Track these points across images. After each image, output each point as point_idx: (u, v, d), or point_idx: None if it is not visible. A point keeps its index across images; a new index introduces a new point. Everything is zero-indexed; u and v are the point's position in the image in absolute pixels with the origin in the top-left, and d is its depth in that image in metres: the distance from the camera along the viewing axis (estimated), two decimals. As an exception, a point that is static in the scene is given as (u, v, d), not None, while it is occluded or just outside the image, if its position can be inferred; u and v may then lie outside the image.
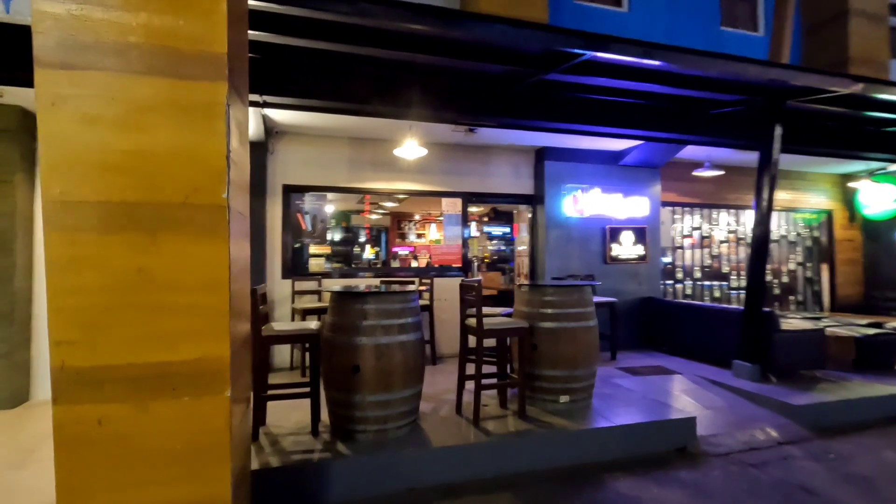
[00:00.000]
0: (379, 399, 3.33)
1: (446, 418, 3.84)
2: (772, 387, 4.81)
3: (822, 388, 4.73)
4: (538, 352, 4.07)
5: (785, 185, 8.26)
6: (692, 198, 7.66)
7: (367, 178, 6.12)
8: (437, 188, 6.41)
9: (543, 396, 4.10)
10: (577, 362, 4.03)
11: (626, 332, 6.80)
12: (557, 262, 6.56)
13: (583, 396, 4.12)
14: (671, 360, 6.13)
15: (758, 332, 5.04)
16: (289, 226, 5.82)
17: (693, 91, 4.75)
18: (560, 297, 4.09)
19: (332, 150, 5.97)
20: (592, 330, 4.17)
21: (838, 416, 4.34)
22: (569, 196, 6.60)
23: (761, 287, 5.08)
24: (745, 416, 4.34)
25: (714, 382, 5.14)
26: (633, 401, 4.33)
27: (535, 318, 4.09)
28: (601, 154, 6.78)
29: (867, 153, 5.91)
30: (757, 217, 5.03)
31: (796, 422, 4.24)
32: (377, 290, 3.49)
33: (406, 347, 3.42)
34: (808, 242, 8.67)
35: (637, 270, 6.93)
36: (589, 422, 3.77)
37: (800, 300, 8.58)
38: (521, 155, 6.73)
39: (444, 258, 6.41)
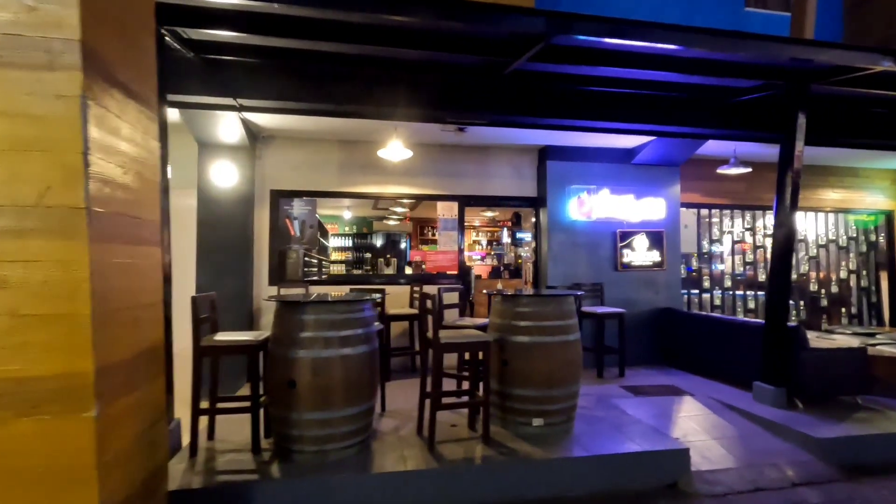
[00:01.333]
0: (316, 417, 3.07)
1: (403, 439, 3.52)
2: (797, 414, 4.15)
3: (859, 419, 4.03)
4: (509, 369, 3.68)
5: (834, 182, 7.36)
6: (720, 198, 6.94)
7: (358, 181, 5.93)
8: (432, 191, 6.13)
9: (516, 418, 3.70)
10: (552, 381, 3.61)
11: (639, 346, 6.22)
12: (562, 268, 6.09)
13: (561, 419, 3.68)
14: (687, 379, 5.50)
15: (781, 350, 4.39)
16: (277, 231, 5.71)
17: (703, 78, 4.25)
18: (535, 308, 3.69)
19: (322, 153, 5.83)
20: (572, 345, 3.73)
21: (873, 454, 3.66)
22: (574, 198, 6.12)
23: (785, 298, 4.42)
24: (758, 449, 3.74)
25: (729, 407, 4.52)
26: (623, 426, 3.83)
27: (508, 331, 3.71)
28: (611, 152, 6.26)
29: None
30: (778, 218, 4.39)
31: (821, 458, 3.60)
32: (317, 300, 3.24)
33: (349, 362, 3.14)
34: (864, 247, 7.66)
35: (653, 278, 6.33)
36: (562, 449, 3.34)
37: (854, 313, 7.58)
38: (523, 155, 6.33)
39: (439, 264, 6.10)
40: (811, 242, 7.49)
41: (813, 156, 6.69)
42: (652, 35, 3.32)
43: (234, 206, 5.44)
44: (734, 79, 4.31)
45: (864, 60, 3.63)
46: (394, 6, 3.11)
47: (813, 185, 7.27)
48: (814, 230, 7.54)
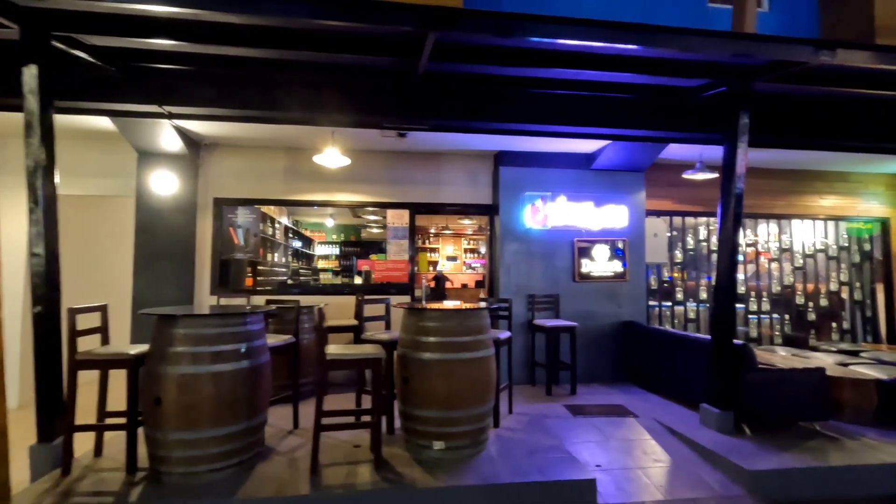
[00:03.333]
0: (182, 437, 2.90)
1: (294, 461, 3.32)
2: (740, 442, 3.78)
3: (809, 448, 3.64)
4: (410, 387, 3.46)
5: (822, 188, 6.89)
6: (694, 206, 6.55)
7: (304, 189, 5.81)
8: (382, 199, 5.96)
9: (417, 441, 3.47)
10: (453, 401, 3.35)
11: (600, 361, 5.88)
12: (515, 279, 5.81)
13: (465, 443, 3.42)
14: (642, 398, 5.14)
15: (727, 370, 4.03)
16: (219, 240, 5.63)
17: (652, 78, 4.00)
18: (438, 322, 3.46)
19: (266, 161, 5.74)
20: (480, 363, 3.47)
21: (811, 489, 3.28)
22: (529, 205, 5.85)
23: (731, 313, 4.06)
24: (685, 481, 3.40)
25: (671, 431, 4.17)
26: (538, 451, 3.55)
27: (411, 347, 3.49)
28: (569, 157, 5.98)
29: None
30: (723, 228, 4.05)
31: (752, 493, 3.25)
32: (191, 314, 3.09)
33: (221, 379, 2.97)
34: (856, 258, 7.12)
35: (615, 290, 5.98)
36: (455, 477, 3.09)
37: (846, 328, 7.03)
38: (477, 161, 6.10)
39: (388, 274, 5.90)
40: (797, 252, 7.01)
41: (798, 160, 6.29)
42: (555, 30, 3.08)
43: (175, 214, 5.38)
44: (681, 78, 4.03)
45: (800, 54, 3.30)
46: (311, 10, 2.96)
47: (799, 191, 6.82)
48: (800, 239, 7.04)
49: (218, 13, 3.04)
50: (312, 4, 3.01)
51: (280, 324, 4.83)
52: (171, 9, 2.94)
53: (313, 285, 6.56)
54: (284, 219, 8.98)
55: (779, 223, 6.98)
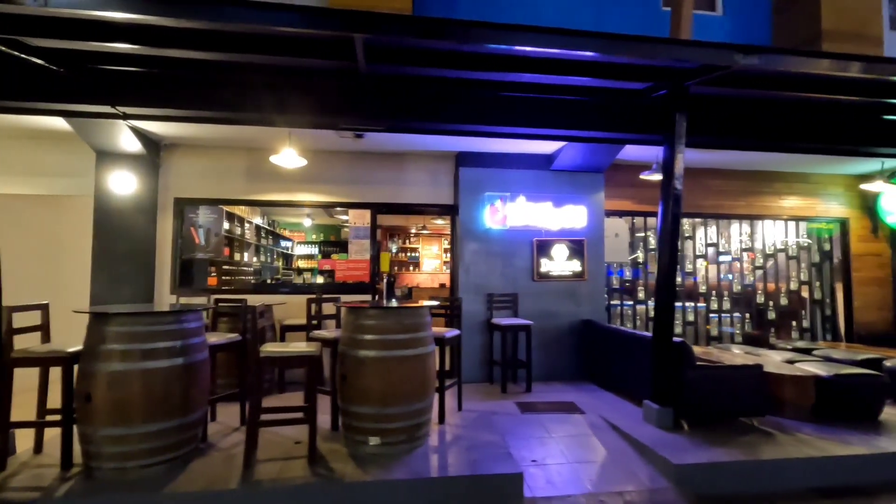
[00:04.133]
0: (112, 433, 2.95)
1: (232, 457, 3.37)
2: (675, 437, 3.87)
3: (741, 443, 3.72)
4: (347, 384, 3.52)
5: (782, 189, 7.00)
6: (653, 206, 6.62)
7: (265, 189, 5.86)
8: (344, 199, 6.02)
9: (354, 437, 3.53)
10: (388, 398, 3.42)
11: (559, 360, 5.96)
12: (474, 279, 5.88)
13: (401, 439, 3.49)
14: (595, 396, 5.23)
15: (667, 367, 4.12)
16: (180, 240, 5.67)
17: (603, 81, 4.02)
18: (375, 321, 3.52)
19: (227, 161, 5.78)
20: (417, 360, 3.54)
21: (736, 483, 3.36)
22: (489, 205, 5.92)
23: (670, 312, 4.15)
24: (617, 476, 3.48)
25: (614, 427, 4.25)
26: (476, 447, 3.62)
27: (350, 345, 3.55)
28: (528, 158, 6.06)
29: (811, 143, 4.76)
30: (663, 226, 4.13)
31: (677, 487, 3.33)
32: (123, 312, 3.13)
33: (152, 376, 3.02)
34: (816, 258, 7.24)
35: (574, 289, 6.07)
36: (387, 472, 3.15)
37: (805, 326, 7.15)
38: (439, 161, 6.17)
39: (349, 274, 5.96)
40: (758, 252, 7.12)
41: (758, 161, 6.39)
42: (476, 35, 3.15)
43: (134, 214, 5.42)
44: (628, 81, 4.10)
45: (722, 58, 3.39)
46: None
47: (759, 192, 6.93)
48: (761, 239, 7.16)
49: (151, 17, 3.09)
50: (246, 8, 3.07)
51: (235, 322, 4.89)
52: (111, 14, 2.98)
53: (276, 285, 6.60)
54: (258, 219, 9.02)
55: (740, 223, 7.09)
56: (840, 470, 3.49)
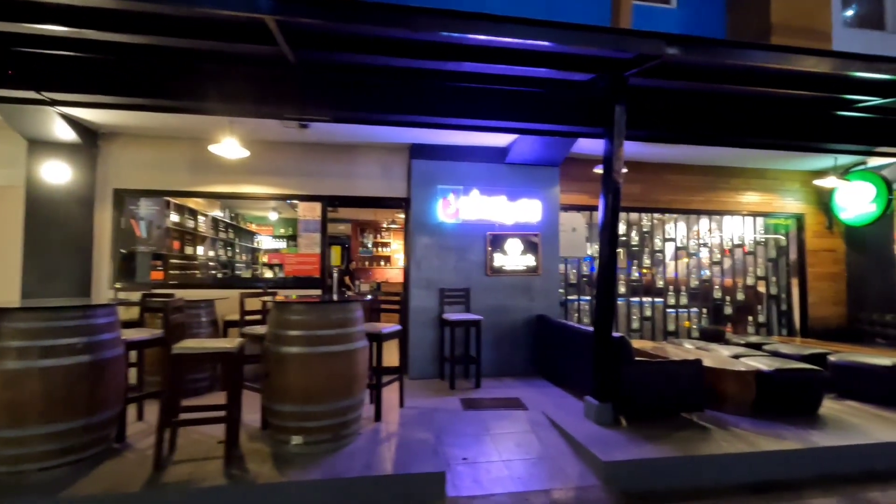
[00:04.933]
0: (7, 435, 2.79)
1: (145, 458, 3.22)
2: (611, 433, 3.82)
3: (676, 439, 3.68)
4: (270, 382, 3.40)
5: (740, 185, 7.02)
6: (613, 200, 6.59)
7: (212, 180, 5.67)
8: (294, 191, 5.86)
9: (277, 436, 3.42)
10: (311, 396, 3.31)
11: (513, 355, 5.90)
12: (426, 273, 5.78)
13: (325, 437, 3.38)
14: (543, 391, 5.17)
15: (607, 363, 4.06)
16: (120, 232, 5.47)
17: (549, 71, 3.93)
18: (299, 316, 3.40)
19: (171, 152, 5.58)
20: (343, 357, 3.43)
21: (665, 479, 3.32)
22: (441, 199, 5.82)
23: (610, 306, 4.09)
24: (546, 474, 3.41)
25: (553, 424, 4.19)
26: (406, 445, 3.53)
27: (274, 341, 3.43)
28: (482, 151, 5.96)
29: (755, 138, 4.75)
30: (603, 219, 4.07)
31: (607, 484, 3.27)
32: (18, 307, 2.96)
33: (53, 374, 2.87)
34: (773, 253, 7.28)
35: (529, 284, 6.00)
36: (305, 472, 3.04)
37: (761, 321, 7.20)
38: (393, 154, 6.04)
39: (299, 268, 5.82)
40: (715, 247, 7.14)
41: (715, 156, 6.39)
42: (384, 19, 3.03)
43: (70, 205, 5.20)
44: (575, 72, 4.00)
45: (650, 48, 3.32)
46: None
47: (717, 188, 6.93)
48: (718, 234, 7.18)
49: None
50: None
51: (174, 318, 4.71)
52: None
53: (226, 279, 6.42)
54: (218, 212, 8.78)
55: (698, 218, 7.09)
56: (770, 465, 3.47)
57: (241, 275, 6.74)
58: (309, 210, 5.87)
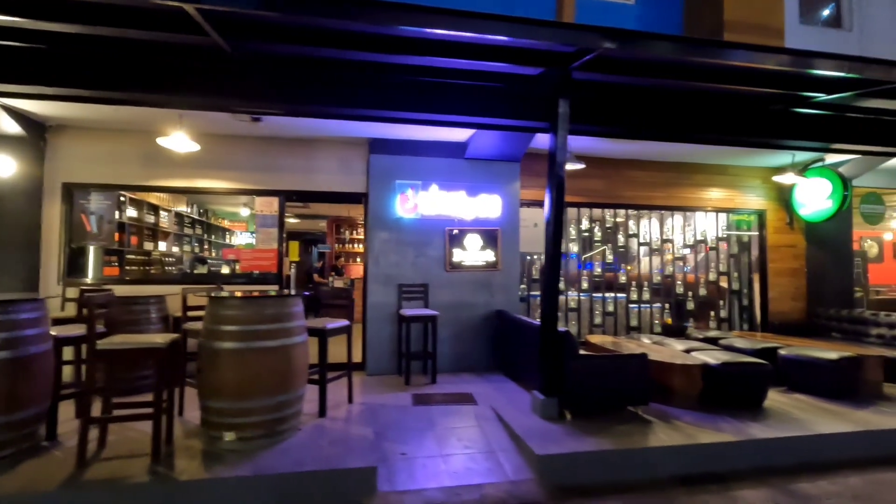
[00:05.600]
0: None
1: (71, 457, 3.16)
2: (555, 427, 3.82)
3: (615, 432, 3.70)
4: (203, 378, 3.36)
5: (702, 181, 7.08)
6: (577, 196, 6.62)
7: (165, 174, 5.58)
8: (250, 186, 5.79)
9: (211, 432, 3.38)
10: (244, 392, 3.27)
11: (473, 351, 5.91)
12: (385, 269, 5.75)
13: (260, 434, 3.34)
14: (498, 386, 5.17)
15: (552, 357, 4.07)
16: (70, 227, 5.36)
17: (499, 65, 3.88)
18: (234, 311, 3.36)
19: (123, 145, 5.48)
20: (279, 352, 3.40)
21: (598, 472, 3.33)
22: (400, 194, 5.79)
23: (555, 301, 4.10)
24: (483, 469, 3.40)
25: (499, 418, 4.19)
26: (344, 440, 3.51)
27: (208, 337, 3.39)
28: (442, 146, 5.93)
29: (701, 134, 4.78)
30: (550, 214, 4.06)
31: (542, 478, 3.28)
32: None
33: (-32, 370, 2.80)
34: (735, 249, 7.36)
35: (488, 279, 6.00)
36: (233, 469, 3.00)
37: (723, 316, 7.28)
38: (352, 148, 5.99)
39: (255, 263, 5.75)
40: (678, 243, 7.19)
41: (676, 152, 6.42)
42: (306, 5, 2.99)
43: (15, 199, 5.09)
44: (527, 67, 3.96)
45: (587, 41, 3.32)
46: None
47: (679, 184, 6.98)
48: (680, 230, 7.24)
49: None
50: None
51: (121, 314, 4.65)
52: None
53: (176, 275, 6.32)
54: (184, 207, 8.68)
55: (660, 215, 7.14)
56: (704, 457, 3.50)
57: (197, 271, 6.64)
58: (266, 205, 5.80)
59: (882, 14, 6.30)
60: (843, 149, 5.56)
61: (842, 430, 3.84)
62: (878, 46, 6.35)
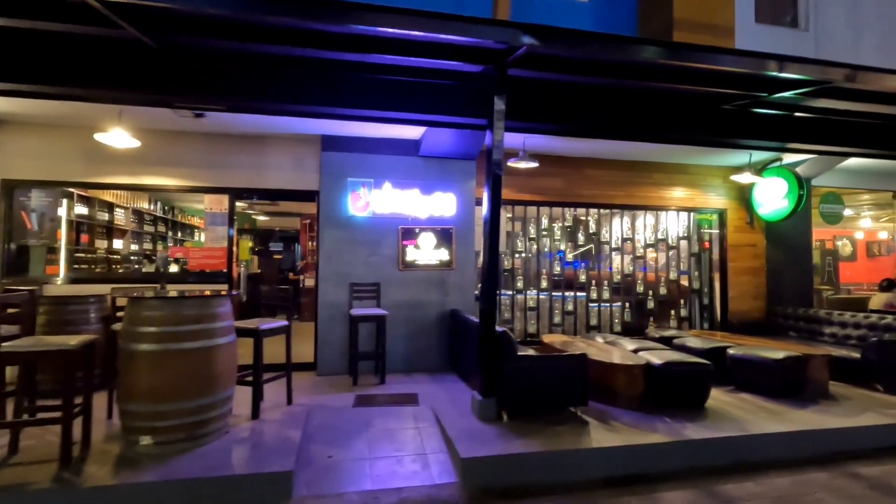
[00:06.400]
0: None
1: (-21, 462, 3.07)
2: (489, 428, 3.78)
3: (550, 433, 3.66)
4: (120, 380, 3.27)
5: (663, 180, 7.07)
6: (536, 195, 6.59)
7: (110, 171, 5.45)
8: (198, 183, 5.68)
9: (128, 436, 3.29)
10: (161, 394, 3.19)
11: (426, 350, 5.85)
12: (336, 268, 5.67)
13: (179, 437, 3.26)
14: (447, 387, 5.12)
15: (490, 357, 4.02)
16: (9, 225, 5.23)
17: (440, 62, 3.82)
18: (150, 312, 3.27)
19: (65, 141, 5.34)
20: (199, 354, 3.32)
21: (523, 475, 3.29)
22: (352, 192, 5.71)
23: (493, 301, 4.05)
24: (409, 471, 3.35)
25: (437, 420, 4.14)
26: (268, 444, 3.44)
27: (126, 338, 3.30)
28: (396, 143, 5.86)
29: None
30: (488, 213, 4.01)
31: (466, 481, 3.23)
32: None
33: None
34: (695, 247, 7.37)
35: (443, 279, 5.95)
36: (139, 474, 2.92)
37: (683, 315, 7.29)
38: (304, 145, 5.90)
39: (204, 262, 5.65)
40: (639, 243, 7.19)
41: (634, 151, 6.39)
42: None
43: (-50, 196, 4.94)
44: (470, 63, 3.90)
45: (505, 37, 3.27)
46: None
47: (639, 183, 6.96)
48: (641, 229, 7.23)
49: None
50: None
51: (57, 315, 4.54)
52: None
53: (123, 274, 6.20)
54: (145, 204, 8.52)
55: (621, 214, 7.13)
56: (633, 458, 3.48)
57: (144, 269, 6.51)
58: (216, 202, 5.70)
59: (838, 14, 6.33)
60: (798, 148, 5.57)
61: (776, 430, 3.84)
62: (835, 46, 6.38)
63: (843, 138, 5.23)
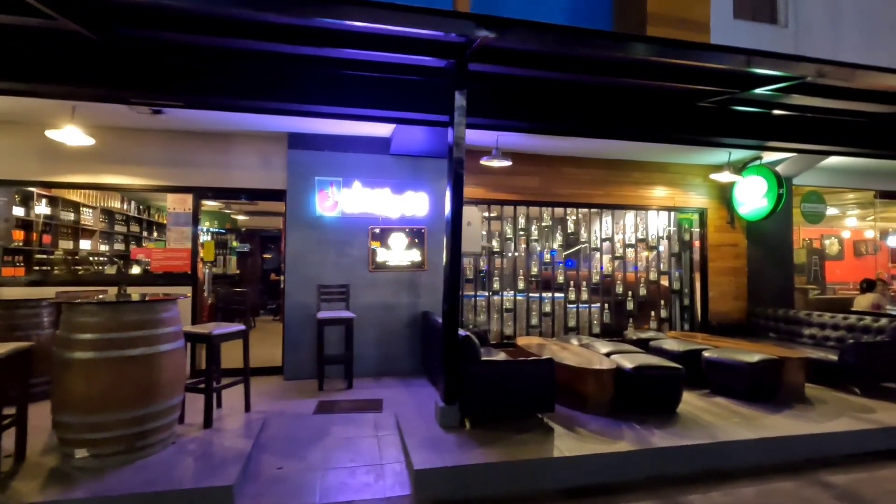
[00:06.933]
0: None
1: None
2: (449, 437, 3.64)
3: (511, 443, 3.53)
4: (54, 390, 3.10)
5: (642, 179, 6.95)
6: (512, 194, 6.44)
7: (66, 170, 5.26)
8: (160, 182, 5.49)
9: (64, 449, 3.12)
10: (95, 405, 3.02)
11: (398, 354, 5.71)
12: (303, 269, 5.51)
13: (118, 450, 3.10)
14: (415, 392, 4.98)
15: (453, 362, 3.88)
16: (-40, 226, 5.03)
17: (405, 57, 3.67)
18: (86, 318, 3.10)
19: (16, 138, 5.14)
20: (140, 361, 3.15)
21: (479, 487, 3.15)
22: (320, 191, 5.55)
23: (455, 303, 3.91)
24: (361, 483, 3.20)
25: (398, 428, 4.00)
26: (213, 455, 3.28)
27: (61, 346, 3.12)
28: (366, 141, 5.70)
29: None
30: (450, 212, 3.86)
31: (419, 493, 3.09)
32: None
33: None
34: (676, 247, 7.26)
35: (415, 280, 5.80)
36: (67, 490, 2.76)
37: (664, 316, 7.18)
38: (271, 143, 5.73)
39: (167, 264, 5.46)
40: (618, 242, 7.07)
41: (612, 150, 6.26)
42: None
43: None
44: (437, 59, 3.75)
45: (466, 30, 3.12)
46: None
47: (617, 182, 6.83)
48: (620, 229, 7.11)
49: None
50: None
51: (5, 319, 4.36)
52: None
53: (82, 276, 6.00)
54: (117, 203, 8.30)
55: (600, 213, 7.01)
56: (596, 468, 3.35)
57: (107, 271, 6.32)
58: (179, 202, 5.52)
59: (817, 10, 6.22)
60: (777, 146, 5.44)
61: (746, 437, 3.72)
62: (814, 43, 6.28)
63: (822, 136, 5.13)
